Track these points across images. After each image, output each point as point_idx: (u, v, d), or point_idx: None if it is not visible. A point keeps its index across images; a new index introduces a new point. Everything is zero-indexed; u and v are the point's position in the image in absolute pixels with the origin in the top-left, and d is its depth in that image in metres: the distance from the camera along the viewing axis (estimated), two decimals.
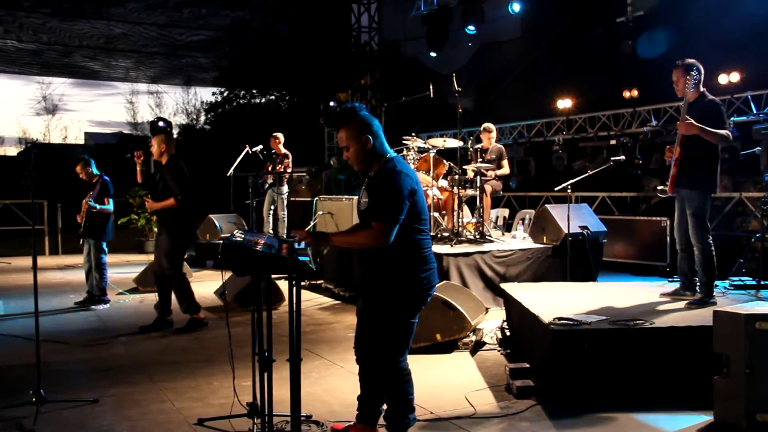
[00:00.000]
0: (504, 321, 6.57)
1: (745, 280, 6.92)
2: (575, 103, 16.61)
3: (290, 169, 12.01)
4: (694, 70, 5.68)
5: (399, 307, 3.73)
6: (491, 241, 8.66)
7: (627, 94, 14.85)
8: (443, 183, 9.10)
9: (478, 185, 8.88)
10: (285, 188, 12.01)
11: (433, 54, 16.52)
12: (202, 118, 31.27)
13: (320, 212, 10.10)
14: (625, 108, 15.24)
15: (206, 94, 35.73)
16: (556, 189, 8.34)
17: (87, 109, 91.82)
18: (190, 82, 26.19)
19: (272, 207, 12.13)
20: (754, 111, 12.17)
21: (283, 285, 7.66)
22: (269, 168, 12.01)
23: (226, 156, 11.40)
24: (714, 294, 5.79)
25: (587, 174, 8.23)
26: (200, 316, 7.33)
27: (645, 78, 14.00)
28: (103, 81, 25.33)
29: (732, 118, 11.59)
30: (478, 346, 6.28)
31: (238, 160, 11.21)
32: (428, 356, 5.92)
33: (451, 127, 15.25)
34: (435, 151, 9.08)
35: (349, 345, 3.95)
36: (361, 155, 3.81)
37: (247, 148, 11.38)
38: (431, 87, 9.38)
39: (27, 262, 12.93)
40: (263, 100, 29.46)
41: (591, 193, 12.59)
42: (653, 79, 12.23)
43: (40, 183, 5.24)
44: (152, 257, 10.65)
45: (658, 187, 6.10)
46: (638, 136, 14.69)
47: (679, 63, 5.80)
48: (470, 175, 9.07)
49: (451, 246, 8.20)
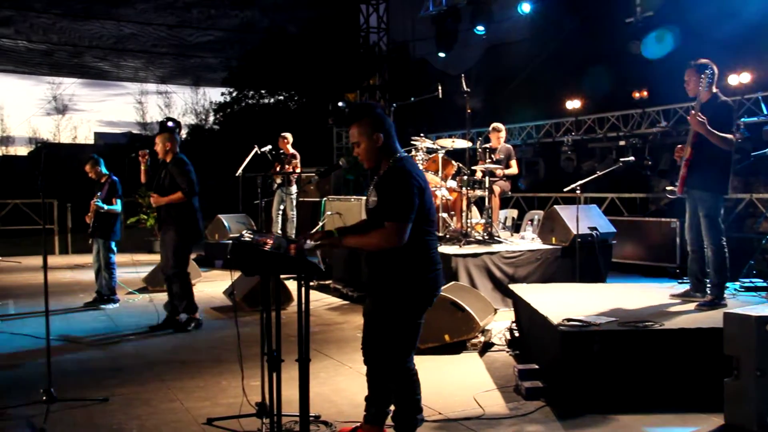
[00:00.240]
0: (513, 322, 6.55)
1: (756, 282, 6.87)
2: (584, 103, 16.58)
3: (299, 170, 12.02)
4: (708, 70, 5.65)
5: (405, 307, 3.73)
6: (500, 242, 8.64)
7: (636, 95, 14.82)
8: (452, 183, 9.09)
9: (487, 186, 8.87)
10: (294, 188, 12.02)
11: (441, 54, 16.52)
12: (211, 119, 31.41)
13: (329, 212, 10.11)
14: (635, 109, 15.20)
15: (215, 95, 35.83)
16: (565, 190, 8.32)
17: (96, 109, 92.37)
18: (199, 83, 26.30)
19: (281, 207, 12.15)
20: (765, 112, 12.12)
21: (291, 285, 7.68)
22: (278, 168, 12.03)
23: (235, 156, 11.43)
24: (725, 296, 5.76)
25: (596, 175, 8.21)
26: (197, 316, 7.35)
27: (654, 78, 13.96)
28: (112, 81, 25.48)
29: (742, 119, 11.54)
30: (486, 347, 6.27)
31: (247, 160, 11.23)
32: (437, 357, 5.91)
33: (460, 127, 15.26)
34: (443, 151, 9.07)
35: (358, 345, 3.95)
36: (372, 152, 3.80)
37: (256, 149, 11.40)
38: (440, 87, 9.37)
39: (37, 261, 12.99)
40: (272, 100, 29.55)
41: (600, 194, 12.56)
42: (663, 79, 12.20)
43: (50, 182, 5.27)
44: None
45: (667, 188, 6.08)
46: (648, 136, 14.64)
47: (692, 63, 5.77)
48: (479, 176, 9.06)
49: (460, 247, 8.19)
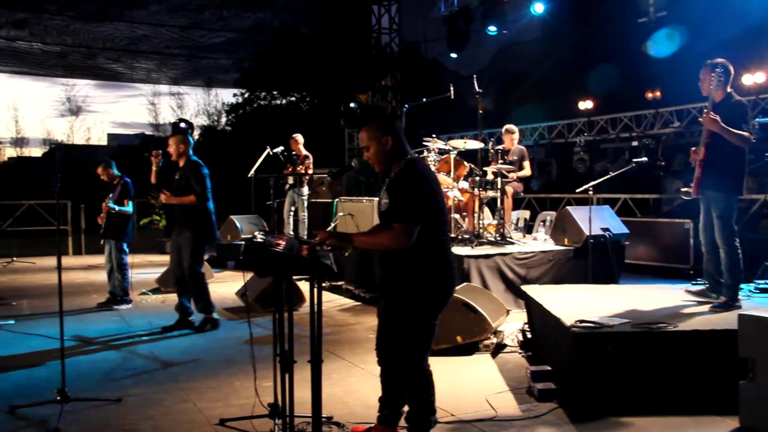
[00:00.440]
0: (525, 323, 6.53)
1: None
2: (596, 104, 16.52)
3: (311, 171, 12.03)
4: (719, 68, 5.62)
5: (420, 308, 3.73)
6: (512, 243, 8.62)
7: (649, 95, 14.76)
8: (464, 184, 9.08)
9: (499, 187, 8.85)
10: (306, 189, 12.04)
11: (453, 55, 16.49)
12: (224, 120, 31.51)
13: (341, 213, 10.11)
14: (648, 109, 15.13)
15: (227, 96, 36.00)
16: (577, 191, 8.29)
17: (110, 111, 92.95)
18: (211, 84, 26.40)
19: (293, 208, 12.17)
20: None
21: (303, 286, 7.69)
22: (290, 169, 12.05)
23: (247, 157, 11.45)
24: (739, 297, 5.72)
25: (609, 176, 8.17)
26: (213, 316, 7.37)
27: (668, 79, 13.89)
28: (125, 82, 25.60)
29: (757, 119, 11.46)
30: (499, 349, 6.25)
31: (259, 161, 11.25)
32: (449, 358, 5.90)
33: (472, 128, 15.24)
34: (455, 152, 9.06)
35: (370, 346, 3.95)
36: (381, 156, 3.81)
37: (268, 150, 11.42)
38: (452, 88, 9.35)
39: (51, 262, 13.07)
40: (284, 101, 29.61)
41: (613, 195, 12.51)
42: (676, 79, 12.14)
43: (64, 184, 5.29)
44: None
45: (681, 189, 6.04)
46: (661, 137, 14.58)
47: (707, 62, 5.75)
48: (491, 177, 9.04)
49: (472, 248, 8.18)
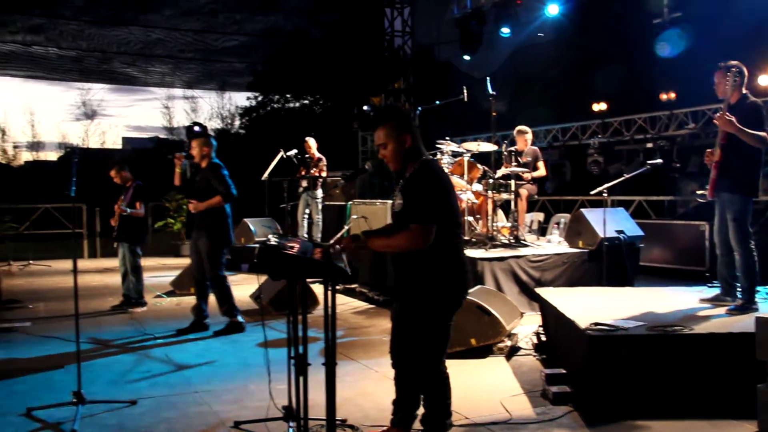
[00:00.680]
0: (540, 326, 6.51)
1: None
2: (610, 105, 16.46)
3: (325, 174, 12.05)
4: (733, 69, 5.58)
5: (434, 310, 3.72)
6: (526, 246, 8.60)
7: (664, 97, 14.66)
8: (477, 187, 9.06)
9: (513, 189, 8.82)
10: (319, 192, 12.06)
11: (466, 57, 16.46)
12: (237, 123, 31.59)
13: (354, 216, 10.12)
14: (662, 110, 15.05)
15: (241, 99, 36.02)
16: (591, 193, 8.25)
17: (124, 114, 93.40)
18: (224, 87, 26.51)
19: (307, 211, 12.20)
20: None
21: (317, 289, 7.70)
22: (303, 172, 12.07)
23: (261, 160, 11.47)
24: (756, 300, 5.68)
25: (624, 177, 8.12)
26: (238, 319, 7.38)
27: (683, 80, 13.81)
28: (140, 86, 25.74)
29: None
30: (513, 351, 6.24)
31: (273, 164, 11.28)
32: (463, 361, 5.88)
33: (485, 130, 15.20)
34: (469, 155, 9.05)
35: (384, 349, 3.95)
36: (399, 154, 3.81)
37: (282, 153, 11.45)
38: (465, 91, 9.34)
39: (66, 265, 13.16)
40: (297, 104, 29.68)
41: (627, 197, 12.45)
42: (691, 80, 12.07)
43: (80, 187, 5.33)
44: (189, 260, 10.78)
45: (697, 191, 6.01)
46: (676, 138, 14.49)
47: (721, 64, 5.71)
48: (504, 179, 9.01)
49: (486, 250, 8.16)
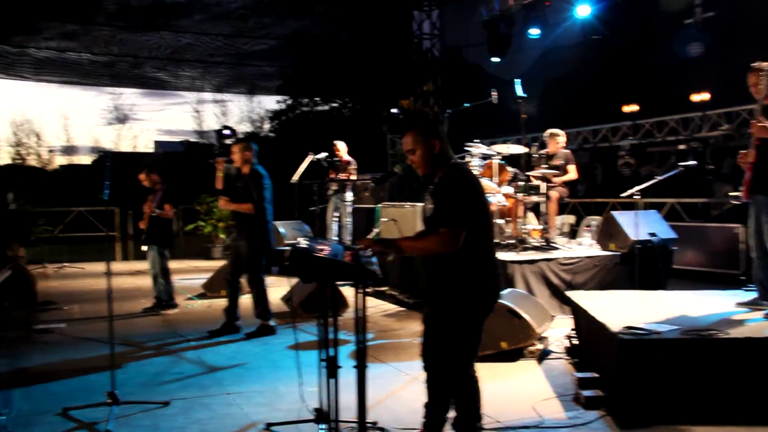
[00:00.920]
0: (571, 329, 6.46)
1: None
2: (642, 107, 16.30)
3: (354, 177, 12.07)
4: (766, 71, 5.49)
5: (467, 313, 3.71)
6: (557, 248, 8.54)
7: (696, 98, 14.48)
8: (507, 189, 9.02)
9: (543, 191, 8.77)
10: (349, 195, 12.09)
11: (495, 59, 16.37)
12: (267, 126, 31.74)
13: (384, 219, 10.12)
14: (695, 112, 14.86)
15: (270, 102, 36.22)
16: (623, 195, 8.16)
17: (155, 118, 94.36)
18: (254, 91, 26.60)
19: (336, 214, 12.23)
20: None
21: (347, 292, 7.73)
22: (332, 175, 12.11)
23: (290, 163, 11.52)
24: None
25: (656, 179, 8.03)
26: (270, 323, 7.44)
27: (716, 80, 13.63)
28: (170, 91, 25.96)
29: None
30: (544, 355, 6.21)
31: (303, 167, 11.33)
32: (493, 364, 5.86)
33: (514, 133, 15.11)
34: (499, 157, 9.01)
35: (414, 352, 3.95)
36: (427, 160, 3.81)
37: (311, 156, 11.50)
38: (495, 93, 9.30)
39: (100, 267, 13.33)
40: (326, 107, 29.77)
41: (660, 199, 12.30)
42: (725, 81, 11.90)
43: (112, 191, 5.41)
44: (220, 263, 10.88)
45: (731, 193, 5.93)
46: (709, 140, 14.30)
47: (753, 66, 5.63)
48: (534, 182, 8.96)
49: (516, 253, 8.12)
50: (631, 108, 16.45)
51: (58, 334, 7.67)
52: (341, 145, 12.22)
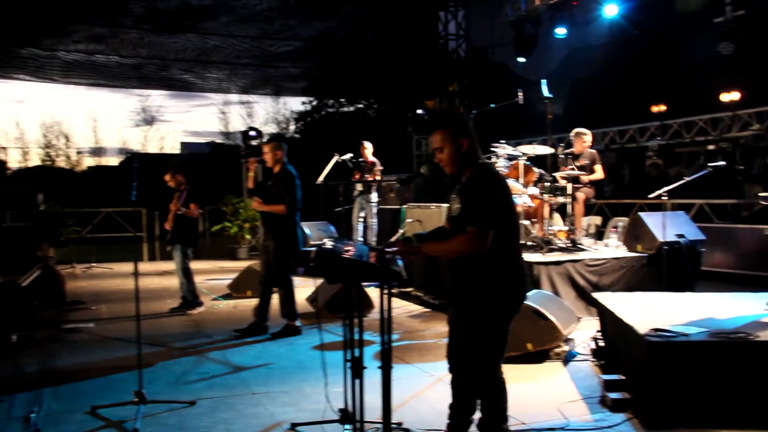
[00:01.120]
0: (597, 331, 6.41)
1: None
2: (670, 107, 16.13)
3: (379, 178, 12.08)
4: None
5: (493, 314, 3.70)
6: (583, 250, 8.48)
7: (726, 98, 14.30)
8: (533, 190, 8.97)
9: (569, 192, 8.71)
10: (374, 196, 12.10)
11: (521, 60, 16.29)
12: (292, 127, 31.85)
13: (409, 220, 10.11)
14: (725, 112, 14.67)
15: (296, 104, 36.34)
16: (650, 196, 8.08)
17: (182, 120, 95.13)
18: (279, 92, 26.71)
19: (362, 215, 12.25)
20: None
21: (372, 293, 7.73)
22: (357, 176, 12.12)
23: (316, 164, 11.57)
24: None
25: (685, 180, 7.94)
26: (296, 323, 7.46)
27: (746, 80, 13.44)
28: (197, 92, 26.13)
29: None
30: (570, 357, 6.16)
31: (328, 168, 11.36)
32: (519, 366, 5.83)
33: (540, 133, 15.04)
34: (525, 158, 8.97)
35: (439, 353, 3.94)
36: (455, 158, 3.80)
37: (336, 157, 11.52)
38: (521, 94, 9.25)
39: (127, 267, 13.48)
40: (351, 108, 29.82)
41: (688, 200, 12.15)
42: (756, 80, 11.73)
43: (139, 192, 5.46)
44: (245, 263, 10.94)
45: (761, 194, 5.84)
46: (739, 140, 14.11)
47: None
48: (561, 182, 8.90)
49: (542, 254, 8.08)
50: (659, 108, 16.27)
51: (87, 334, 7.77)
52: (368, 145, 12.24)
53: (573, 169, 9.03)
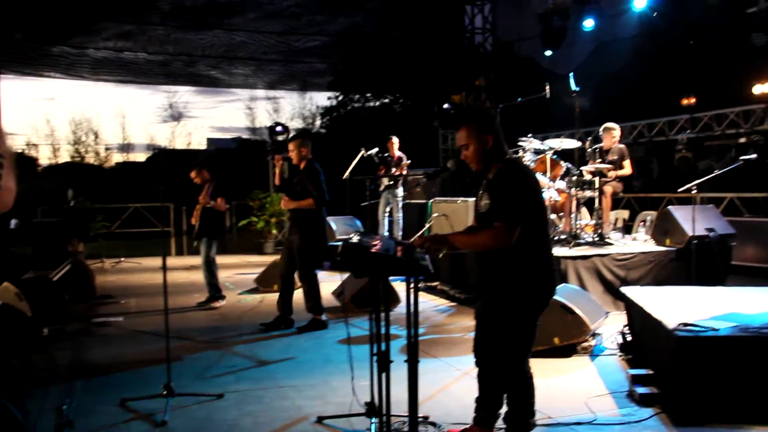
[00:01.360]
0: (625, 326, 6.35)
1: None
2: (699, 100, 15.89)
3: (405, 172, 12.08)
4: None
5: (522, 309, 3.69)
6: (611, 244, 8.41)
7: (758, 90, 14.05)
8: (560, 184, 8.91)
9: (597, 186, 8.65)
10: (400, 191, 12.10)
11: (548, 53, 16.17)
12: (318, 122, 31.95)
13: (435, 214, 10.09)
14: (757, 104, 14.43)
15: (321, 99, 36.43)
16: (679, 190, 7.99)
17: (209, 116, 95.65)
18: (306, 87, 26.78)
19: (388, 209, 12.26)
20: None
21: (398, 287, 7.73)
22: (383, 171, 12.13)
23: (342, 159, 11.60)
24: None
25: (715, 173, 7.84)
26: (322, 317, 7.49)
27: None
28: (223, 88, 26.37)
29: None
30: (597, 351, 6.12)
31: (354, 163, 11.38)
32: (546, 360, 5.81)
33: (567, 127, 14.93)
34: (552, 152, 8.91)
35: (466, 347, 3.93)
36: (481, 155, 3.79)
37: (363, 151, 11.53)
38: (548, 88, 9.19)
39: (155, 262, 13.61)
40: (377, 103, 29.82)
41: (718, 194, 11.99)
42: None
43: (167, 187, 5.51)
44: (272, 258, 11.00)
45: None
46: None
47: None
48: (588, 176, 8.83)
49: (570, 248, 8.02)
50: (688, 101, 16.02)
51: (116, 327, 7.86)
52: (395, 140, 12.24)
53: (601, 163, 8.94)
